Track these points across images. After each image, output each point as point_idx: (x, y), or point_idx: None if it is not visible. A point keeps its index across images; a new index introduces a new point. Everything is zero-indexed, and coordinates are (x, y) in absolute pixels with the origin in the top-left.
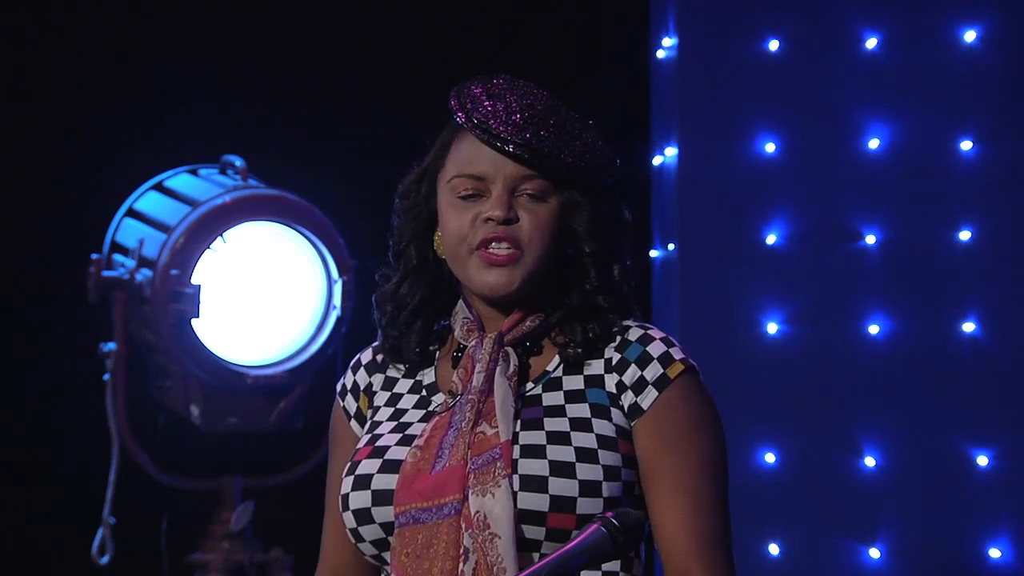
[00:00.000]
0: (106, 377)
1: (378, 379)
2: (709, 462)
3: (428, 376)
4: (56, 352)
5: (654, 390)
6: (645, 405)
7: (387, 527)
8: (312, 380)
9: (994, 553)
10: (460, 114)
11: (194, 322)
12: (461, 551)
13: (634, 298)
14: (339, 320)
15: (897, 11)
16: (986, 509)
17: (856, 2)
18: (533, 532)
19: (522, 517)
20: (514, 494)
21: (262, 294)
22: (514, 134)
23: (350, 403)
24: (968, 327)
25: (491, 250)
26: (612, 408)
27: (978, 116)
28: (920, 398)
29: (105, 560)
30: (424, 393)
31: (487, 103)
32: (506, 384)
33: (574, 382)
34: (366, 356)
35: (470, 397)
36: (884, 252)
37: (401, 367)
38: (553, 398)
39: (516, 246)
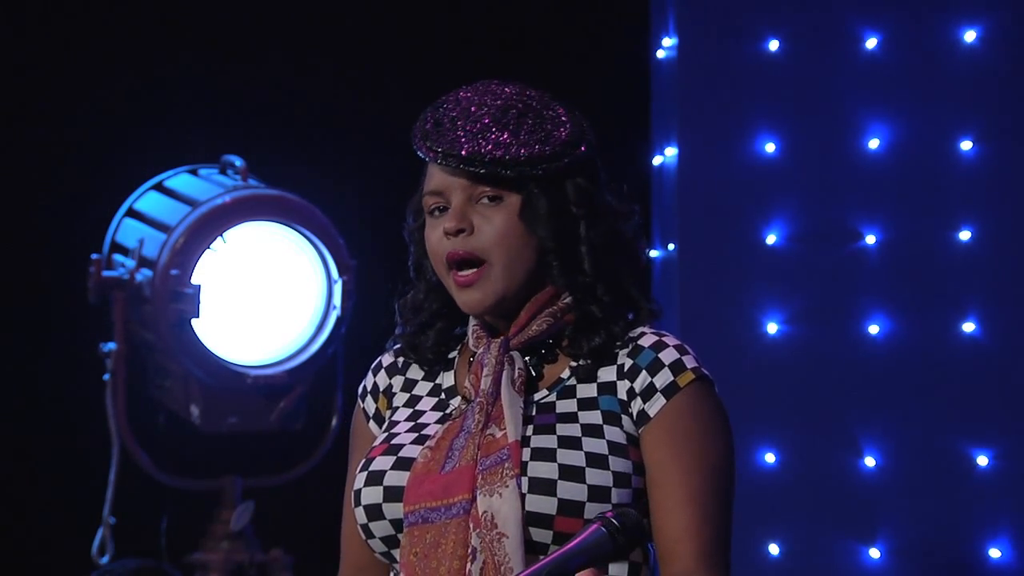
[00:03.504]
0: (106, 377)
1: (398, 381)
2: (714, 471)
3: (447, 379)
4: (56, 352)
5: (662, 397)
6: (652, 412)
7: (397, 524)
8: (312, 380)
9: (994, 553)
10: (415, 140)
11: (194, 322)
12: (469, 551)
13: (634, 292)
14: (339, 320)
15: (897, 11)
16: (986, 509)
17: (856, 2)
18: (540, 535)
19: (530, 519)
20: (523, 496)
21: (262, 294)
22: (458, 146)
23: (369, 404)
24: (968, 327)
25: (460, 273)
26: (623, 415)
27: (978, 116)
28: (920, 398)
29: (105, 560)
30: (443, 396)
31: (434, 125)
32: (511, 388)
33: (587, 390)
34: (387, 359)
35: (479, 400)
36: (884, 252)
37: (421, 370)
38: (566, 405)
39: (480, 258)
